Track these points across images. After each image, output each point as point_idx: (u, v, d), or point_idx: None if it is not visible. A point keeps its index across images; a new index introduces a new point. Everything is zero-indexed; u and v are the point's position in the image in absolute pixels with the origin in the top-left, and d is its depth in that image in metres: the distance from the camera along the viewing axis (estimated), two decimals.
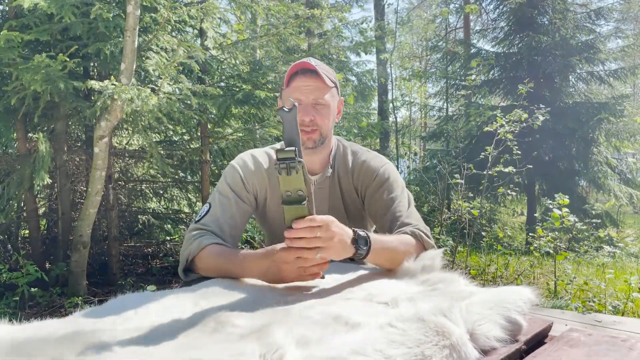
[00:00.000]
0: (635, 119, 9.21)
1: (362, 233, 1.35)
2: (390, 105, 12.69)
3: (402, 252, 1.47)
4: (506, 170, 5.03)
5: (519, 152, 5.11)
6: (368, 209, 1.75)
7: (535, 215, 8.52)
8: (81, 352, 0.86)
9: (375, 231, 1.93)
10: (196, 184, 5.82)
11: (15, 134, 4.48)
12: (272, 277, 1.34)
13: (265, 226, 1.85)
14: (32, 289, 3.95)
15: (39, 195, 5.03)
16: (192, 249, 1.52)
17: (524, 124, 5.31)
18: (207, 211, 1.64)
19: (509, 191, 5.16)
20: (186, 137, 5.78)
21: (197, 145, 5.48)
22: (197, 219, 1.64)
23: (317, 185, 1.75)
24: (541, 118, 5.43)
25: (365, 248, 1.35)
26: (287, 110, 1.18)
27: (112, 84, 3.72)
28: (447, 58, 11.36)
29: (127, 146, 5.59)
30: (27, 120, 4.42)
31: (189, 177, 6.00)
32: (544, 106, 5.55)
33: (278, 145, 1.82)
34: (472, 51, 10.96)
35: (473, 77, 6.45)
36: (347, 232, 1.32)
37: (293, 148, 1.14)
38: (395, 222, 1.63)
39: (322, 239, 1.23)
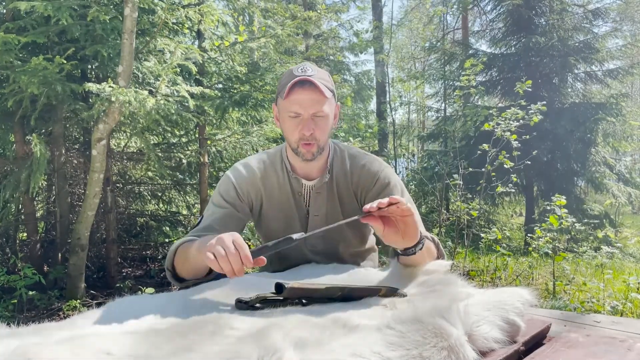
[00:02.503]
0: (632, 122, 9.24)
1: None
2: (388, 106, 12.70)
3: (430, 257, 1.50)
4: (505, 165, 5.04)
5: (519, 145, 5.11)
6: None
7: (533, 216, 8.54)
8: (79, 355, 0.86)
9: (375, 235, 1.93)
10: (194, 186, 5.82)
11: (12, 137, 4.48)
12: None
13: (261, 232, 1.85)
14: (30, 292, 3.94)
15: (37, 198, 5.02)
16: (168, 257, 1.53)
17: (521, 121, 5.30)
18: (200, 222, 1.64)
19: (507, 188, 5.15)
20: (184, 140, 5.78)
21: (195, 147, 5.48)
22: (190, 230, 1.65)
23: (314, 190, 1.74)
24: (539, 116, 5.42)
25: (421, 245, 1.38)
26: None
27: (110, 87, 3.72)
28: (445, 59, 11.38)
29: (125, 148, 5.59)
30: (24, 122, 4.41)
31: (187, 179, 5.99)
32: (539, 102, 5.54)
33: (273, 151, 1.81)
34: (469, 52, 10.98)
35: (468, 77, 6.44)
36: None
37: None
38: None
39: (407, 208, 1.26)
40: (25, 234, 5.00)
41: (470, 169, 5.51)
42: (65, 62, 3.75)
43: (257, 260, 1.20)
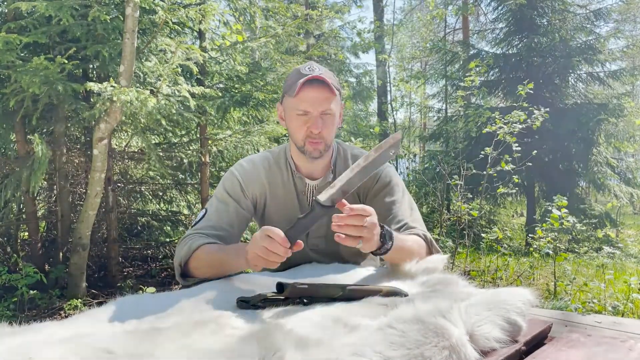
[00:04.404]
0: (635, 121, 9.22)
1: (387, 228, 1.39)
2: (389, 106, 12.70)
3: (416, 253, 1.50)
4: (506, 168, 5.04)
5: (519, 148, 5.11)
6: None
7: (534, 216, 8.53)
8: (80, 354, 0.86)
9: None
10: (195, 186, 5.82)
11: (14, 136, 4.48)
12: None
13: None
14: (32, 291, 3.95)
15: (38, 198, 5.03)
16: (183, 254, 1.53)
17: (523, 124, 5.31)
18: (203, 216, 1.64)
19: (508, 190, 5.15)
20: (185, 139, 5.78)
21: (196, 147, 5.48)
22: (192, 224, 1.65)
23: (317, 189, 1.74)
24: (540, 119, 5.43)
25: (390, 243, 1.38)
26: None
27: (111, 86, 3.72)
28: (446, 59, 11.37)
29: (126, 148, 5.59)
30: (26, 122, 4.42)
31: (188, 179, 5.99)
32: (542, 107, 5.55)
33: (277, 150, 1.81)
34: (471, 52, 10.97)
35: (471, 78, 6.43)
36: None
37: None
38: (399, 225, 1.64)
39: (368, 229, 1.26)
40: (26, 233, 5.01)
41: (474, 171, 5.50)
42: (66, 61, 3.75)
43: (296, 244, 1.25)
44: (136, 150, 5.52)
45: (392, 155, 1.32)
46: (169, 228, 6.09)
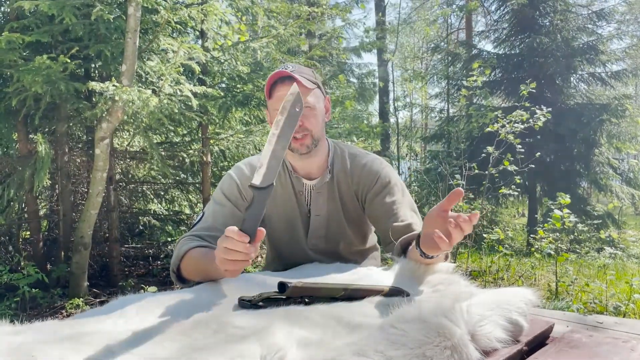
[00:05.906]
0: (637, 120, 9.20)
1: None
2: (392, 106, 12.67)
3: (441, 260, 1.49)
4: (509, 169, 5.03)
5: (522, 150, 5.11)
6: (369, 213, 1.74)
7: (536, 216, 8.52)
8: (82, 353, 0.86)
9: (376, 234, 1.93)
10: (197, 185, 5.82)
11: (16, 136, 4.49)
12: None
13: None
14: (33, 290, 3.95)
15: (40, 197, 5.03)
16: (174, 259, 1.53)
17: (525, 124, 5.30)
18: (200, 219, 1.64)
19: (510, 191, 5.14)
20: (187, 139, 5.78)
21: (198, 147, 5.49)
22: (190, 227, 1.65)
23: (315, 190, 1.74)
24: (542, 119, 5.42)
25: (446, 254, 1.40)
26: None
27: (113, 86, 3.73)
28: (449, 59, 11.35)
29: (128, 147, 5.59)
30: (28, 121, 4.43)
31: (190, 178, 6.00)
32: (545, 107, 5.54)
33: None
34: (473, 52, 10.96)
35: (474, 78, 6.42)
36: None
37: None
38: (402, 224, 1.63)
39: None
40: (28, 233, 5.02)
41: (476, 171, 5.50)
42: (69, 61, 3.76)
43: (257, 235, 1.20)
44: (138, 150, 5.53)
45: (298, 112, 1.22)
46: (170, 227, 6.10)
